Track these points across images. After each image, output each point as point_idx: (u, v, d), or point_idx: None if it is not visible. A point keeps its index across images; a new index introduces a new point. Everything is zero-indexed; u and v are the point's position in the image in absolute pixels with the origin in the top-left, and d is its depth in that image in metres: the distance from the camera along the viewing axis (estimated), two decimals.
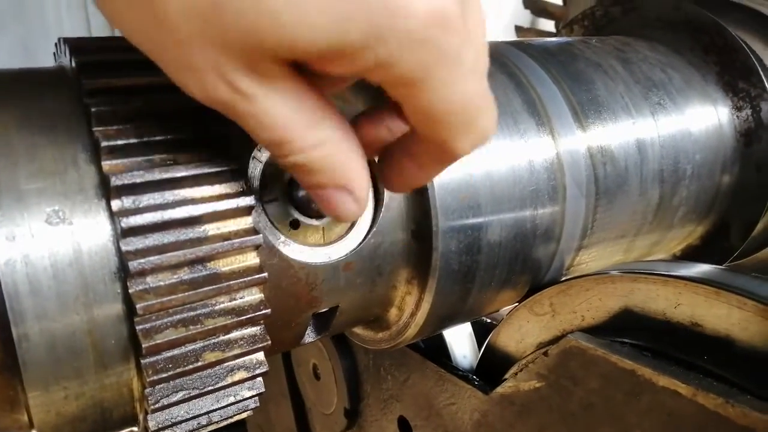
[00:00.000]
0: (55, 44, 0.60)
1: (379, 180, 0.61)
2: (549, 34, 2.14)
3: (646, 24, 1.00)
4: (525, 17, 2.47)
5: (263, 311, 0.53)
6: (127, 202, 0.47)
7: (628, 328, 0.70)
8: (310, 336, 0.68)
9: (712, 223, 0.98)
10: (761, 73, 0.89)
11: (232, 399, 0.54)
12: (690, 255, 1.03)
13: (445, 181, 0.65)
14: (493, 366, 0.84)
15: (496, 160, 0.69)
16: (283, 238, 0.59)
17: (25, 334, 0.45)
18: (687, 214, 0.92)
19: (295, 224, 0.61)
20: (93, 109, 0.48)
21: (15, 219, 0.45)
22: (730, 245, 0.97)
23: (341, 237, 0.64)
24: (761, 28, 1.08)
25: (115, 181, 0.46)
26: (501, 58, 0.77)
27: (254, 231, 0.52)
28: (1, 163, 0.46)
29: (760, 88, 0.90)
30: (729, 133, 0.93)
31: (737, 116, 0.93)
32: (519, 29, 2.18)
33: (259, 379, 0.55)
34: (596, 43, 0.90)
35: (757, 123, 0.92)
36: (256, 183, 0.58)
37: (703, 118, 0.90)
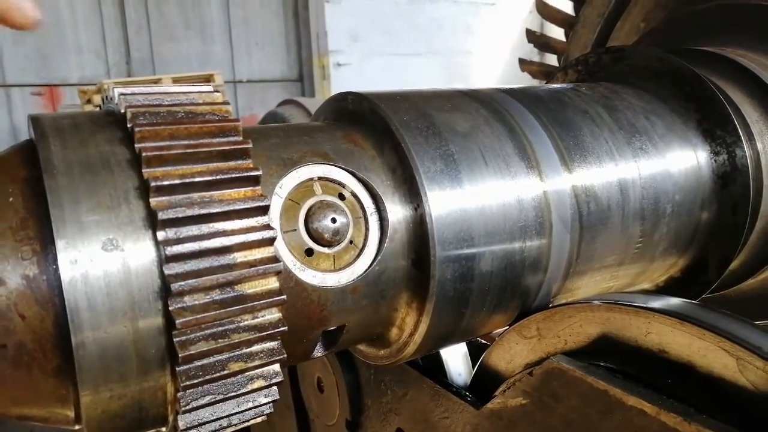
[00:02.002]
0: (104, 90, 0.69)
1: None
2: (551, 67, 2.23)
3: (635, 72, 1.09)
4: (528, 50, 2.56)
5: (281, 328, 0.61)
6: (171, 233, 0.56)
7: (606, 353, 0.77)
8: (319, 351, 0.76)
9: (691, 258, 1.06)
10: (736, 122, 0.97)
11: (250, 404, 0.62)
12: (672, 286, 1.10)
13: (442, 215, 0.74)
14: (485, 383, 0.91)
15: (489, 198, 0.77)
16: (299, 264, 0.67)
17: (82, 343, 0.53)
18: (667, 249, 1.00)
19: (309, 252, 0.69)
20: (144, 154, 0.57)
21: (77, 246, 0.54)
22: (708, 279, 1.05)
23: (349, 264, 0.72)
24: (741, 78, 1.17)
25: (161, 216, 0.55)
26: (497, 106, 0.86)
27: (276, 259, 0.60)
28: (67, 199, 0.54)
29: (734, 135, 0.98)
30: (707, 175, 1.01)
31: (715, 160, 1.01)
32: (522, 62, 2.27)
33: (275, 387, 0.63)
34: (585, 91, 0.99)
35: (732, 167, 1.00)
36: (277, 216, 0.67)
37: (683, 162, 0.99)
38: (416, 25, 11.67)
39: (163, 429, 0.66)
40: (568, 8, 2.10)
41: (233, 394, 0.60)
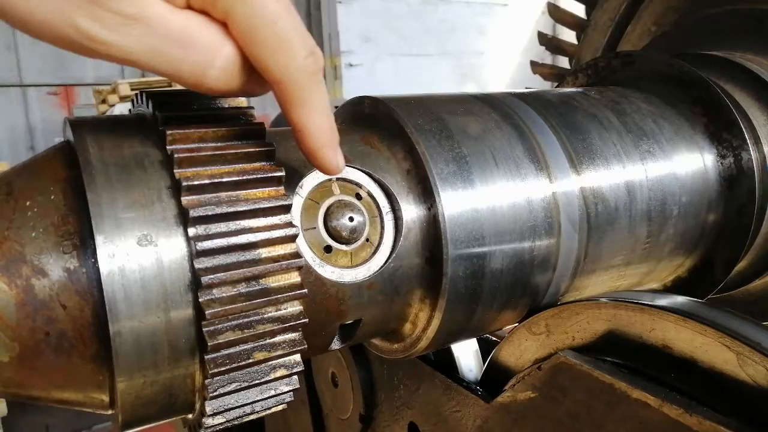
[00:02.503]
0: (135, 95, 0.73)
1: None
2: (562, 69, 2.26)
3: (643, 77, 1.11)
4: (540, 52, 2.58)
5: (302, 320, 0.65)
6: (201, 229, 0.59)
7: (612, 348, 0.80)
8: (336, 343, 0.80)
9: (698, 258, 1.08)
10: (742, 125, 1.00)
11: (273, 392, 0.66)
12: (679, 285, 1.12)
13: (455, 215, 0.77)
14: (495, 378, 0.94)
15: (500, 199, 0.81)
16: (318, 260, 0.71)
17: (119, 331, 0.57)
18: (674, 250, 1.02)
19: (328, 249, 0.73)
20: (175, 156, 0.60)
21: (114, 241, 0.57)
22: (714, 279, 1.07)
23: (366, 261, 0.75)
24: (748, 82, 1.19)
25: (192, 213, 0.59)
26: (507, 109, 0.89)
27: (298, 255, 0.64)
28: (105, 197, 0.58)
29: (740, 139, 1.00)
30: (713, 178, 1.03)
31: (721, 163, 1.03)
32: (534, 64, 2.30)
33: (296, 376, 0.66)
34: (594, 95, 1.01)
35: (738, 170, 1.02)
36: (298, 215, 0.71)
37: (690, 164, 1.01)
38: (428, 26, 11.69)
39: (190, 416, 0.70)
40: (579, 11, 2.13)
41: (257, 382, 0.64)
